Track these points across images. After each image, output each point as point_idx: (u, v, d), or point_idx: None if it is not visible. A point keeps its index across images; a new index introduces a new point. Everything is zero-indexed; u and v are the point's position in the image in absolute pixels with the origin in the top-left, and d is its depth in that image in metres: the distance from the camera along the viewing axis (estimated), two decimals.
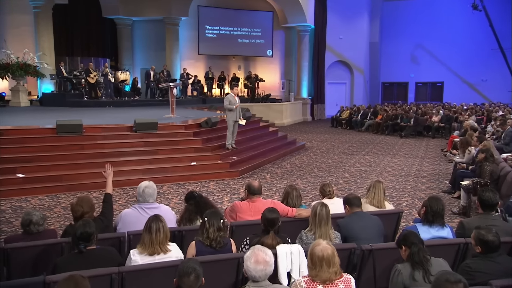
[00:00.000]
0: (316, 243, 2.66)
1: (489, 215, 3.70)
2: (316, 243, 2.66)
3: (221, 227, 3.30)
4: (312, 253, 2.62)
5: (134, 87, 18.54)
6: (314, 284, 2.59)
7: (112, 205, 4.12)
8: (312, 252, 2.62)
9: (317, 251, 2.61)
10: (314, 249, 2.63)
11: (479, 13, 21.19)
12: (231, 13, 20.66)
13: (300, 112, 21.57)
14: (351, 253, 3.49)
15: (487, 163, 6.40)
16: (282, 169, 10.18)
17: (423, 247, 2.88)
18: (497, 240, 2.91)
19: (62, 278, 2.28)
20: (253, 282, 2.50)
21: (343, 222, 3.82)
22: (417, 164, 10.74)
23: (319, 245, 2.66)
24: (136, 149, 9.02)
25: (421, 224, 3.65)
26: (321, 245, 2.66)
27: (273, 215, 3.39)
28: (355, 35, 22.81)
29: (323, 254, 2.62)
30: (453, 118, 15.50)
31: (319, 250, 2.62)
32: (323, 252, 2.62)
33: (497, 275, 2.85)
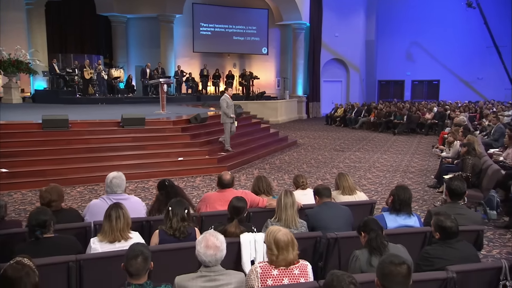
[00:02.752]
0: (276, 229, 2.64)
1: (456, 204, 3.69)
2: (275, 230, 2.64)
3: (185, 217, 3.29)
4: (276, 239, 2.60)
5: (128, 85, 18.54)
6: (269, 269, 2.58)
7: None
8: (276, 238, 2.60)
9: (280, 236, 2.60)
10: (277, 235, 2.61)
11: (474, 11, 21.13)
12: (226, 10, 20.64)
13: (295, 110, 21.55)
14: (317, 241, 3.48)
15: (469, 156, 6.38)
16: (271, 164, 10.16)
17: (382, 233, 2.86)
18: (454, 226, 2.90)
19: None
20: (205, 268, 2.49)
21: (311, 212, 3.80)
22: (406, 160, 10.72)
23: (280, 230, 2.65)
24: (123, 144, 9.02)
25: (388, 213, 3.63)
26: (282, 230, 2.65)
27: (240, 204, 3.38)
28: (351, 32, 22.74)
29: (287, 238, 2.62)
30: (446, 115, 15.47)
31: (282, 235, 2.62)
32: (287, 236, 2.63)
33: (455, 260, 2.84)
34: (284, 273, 2.57)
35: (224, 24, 20.91)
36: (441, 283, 2.74)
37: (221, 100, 9.92)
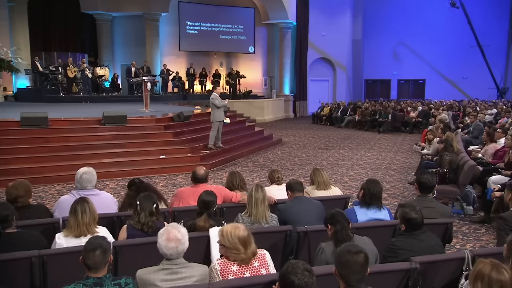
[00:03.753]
0: (232, 228, 2.60)
1: (426, 197, 3.72)
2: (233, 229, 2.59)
3: (154, 211, 3.25)
4: (241, 237, 2.56)
5: (113, 83, 18.39)
6: (229, 265, 2.56)
7: None
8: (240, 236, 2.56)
9: (242, 232, 2.57)
10: (239, 234, 2.57)
11: (458, 11, 21.41)
12: (212, 9, 20.58)
13: (282, 109, 21.57)
14: (287, 235, 3.48)
15: (447, 153, 6.45)
16: (254, 162, 10.16)
17: (347, 226, 2.87)
18: (419, 218, 2.92)
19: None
20: (167, 261, 2.47)
21: (283, 207, 3.80)
22: (389, 157, 10.80)
23: (238, 227, 2.62)
24: (103, 142, 8.92)
25: (359, 206, 3.65)
26: (240, 227, 2.62)
27: (209, 198, 3.36)
28: (338, 32, 22.83)
29: (247, 231, 2.60)
30: (430, 114, 15.62)
31: (243, 230, 2.59)
32: (246, 230, 2.61)
33: (419, 252, 2.87)
34: (245, 268, 2.55)
35: (210, 22, 20.84)
36: (405, 274, 2.76)
37: (211, 99, 9.90)
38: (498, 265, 2.03)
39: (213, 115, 9.89)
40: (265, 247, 3.47)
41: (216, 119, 9.87)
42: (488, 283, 1.99)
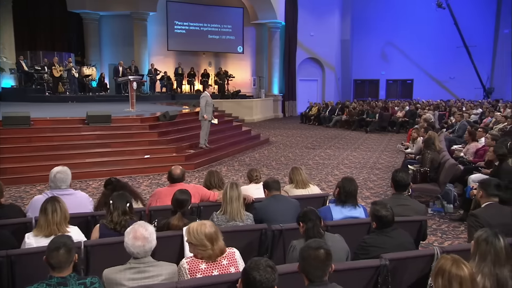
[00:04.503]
0: (199, 225, 2.59)
1: (401, 195, 3.74)
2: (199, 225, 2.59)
3: (127, 210, 3.23)
4: (207, 233, 2.56)
5: (101, 83, 18.24)
6: (197, 264, 2.55)
7: None
8: (206, 233, 2.56)
9: (208, 229, 2.57)
10: (205, 230, 2.56)
11: (445, 11, 21.62)
12: (201, 8, 20.52)
13: (271, 108, 21.59)
14: (262, 233, 3.47)
15: (428, 151, 6.50)
16: (240, 162, 10.15)
17: (319, 223, 2.88)
18: (390, 215, 2.94)
19: None
20: (134, 259, 2.45)
21: (259, 205, 3.80)
22: (375, 157, 10.87)
23: (205, 224, 2.61)
24: (87, 142, 8.85)
25: (334, 204, 3.66)
26: (207, 224, 2.61)
27: (183, 197, 3.35)
28: (326, 32, 22.90)
29: (215, 228, 2.60)
30: (416, 114, 15.75)
31: (209, 227, 2.58)
32: (213, 226, 2.61)
33: (390, 249, 2.88)
34: (213, 266, 2.54)
35: (198, 22, 20.78)
36: (375, 271, 2.77)
37: (201, 98, 9.98)
38: (458, 261, 2.04)
39: (200, 114, 9.91)
40: (240, 245, 3.47)
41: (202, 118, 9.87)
42: (448, 278, 2.00)
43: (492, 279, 2.27)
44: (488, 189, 3.45)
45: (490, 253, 2.30)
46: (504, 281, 2.27)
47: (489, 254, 2.30)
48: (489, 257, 2.30)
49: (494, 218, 3.32)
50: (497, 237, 2.33)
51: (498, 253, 2.29)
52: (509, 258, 2.31)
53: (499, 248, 2.30)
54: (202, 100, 9.87)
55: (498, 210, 3.42)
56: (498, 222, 3.29)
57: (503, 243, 2.32)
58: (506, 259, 2.30)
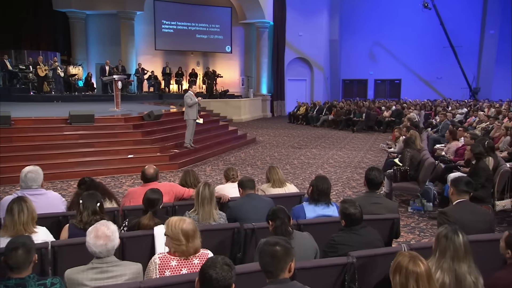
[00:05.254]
0: (178, 219, 2.60)
1: (374, 193, 3.77)
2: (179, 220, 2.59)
3: (97, 210, 3.20)
4: (184, 229, 2.56)
5: (87, 82, 18.08)
6: (168, 260, 2.54)
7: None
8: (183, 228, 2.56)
9: (187, 225, 2.57)
10: (183, 226, 2.57)
11: (432, 12, 21.81)
12: (189, 8, 20.44)
13: (260, 108, 21.60)
14: (235, 232, 3.47)
15: (408, 150, 6.56)
16: (225, 162, 10.13)
17: (288, 222, 2.88)
18: (358, 213, 2.95)
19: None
20: (97, 259, 2.42)
21: (233, 204, 3.80)
22: (360, 156, 10.93)
23: (185, 220, 2.62)
24: (70, 141, 8.78)
25: (307, 203, 3.67)
26: (186, 220, 2.62)
27: (154, 196, 3.33)
28: (315, 32, 22.96)
29: (193, 226, 2.60)
30: (403, 113, 15.87)
31: (188, 223, 2.59)
32: (192, 224, 2.61)
33: (358, 246, 2.89)
34: (183, 264, 2.54)
35: (186, 22, 20.69)
36: (342, 268, 2.78)
37: (185, 97, 9.94)
38: (415, 258, 2.06)
39: (187, 114, 9.88)
40: (212, 244, 3.47)
41: (190, 117, 9.84)
42: (405, 275, 2.02)
43: (451, 274, 2.30)
44: (459, 186, 3.48)
45: (449, 249, 2.33)
46: (462, 276, 2.30)
47: (448, 250, 2.34)
48: (448, 252, 2.34)
49: (464, 216, 3.35)
50: (457, 233, 2.37)
51: (457, 249, 2.33)
52: (467, 254, 2.35)
53: (458, 244, 2.33)
54: (187, 99, 9.84)
55: (469, 208, 3.45)
56: (468, 220, 3.32)
57: (462, 240, 2.35)
58: (464, 255, 2.33)
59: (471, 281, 2.30)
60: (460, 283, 2.29)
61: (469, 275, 2.31)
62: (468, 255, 2.34)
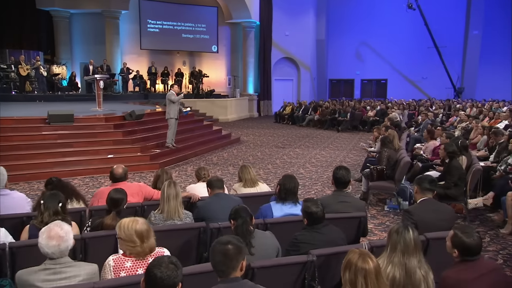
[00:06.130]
0: (130, 221, 2.57)
1: (341, 192, 3.78)
2: (131, 221, 2.56)
3: (59, 210, 3.16)
4: (138, 230, 2.53)
5: (71, 82, 17.89)
6: (123, 261, 2.52)
7: None
8: (137, 229, 2.53)
9: (140, 226, 2.54)
10: (137, 227, 2.54)
11: (417, 12, 22.00)
12: (174, 7, 20.34)
13: (246, 108, 21.58)
14: (201, 232, 3.46)
15: (385, 149, 6.60)
16: (207, 161, 10.10)
17: (249, 221, 2.87)
18: (320, 211, 2.96)
19: None
20: (50, 260, 2.39)
21: (201, 204, 3.79)
22: (342, 155, 10.98)
23: (137, 221, 2.59)
24: (48, 141, 8.69)
25: (275, 202, 3.67)
26: (139, 221, 2.59)
27: (118, 196, 3.30)
28: (301, 32, 23.02)
29: (147, 225, 2.58)
30: (387, 113, 15.98)
31: (141, 224, 2.56)
32: (145, 224, 2.59)
33: (320, 245, 2.90)
34: (139, 264, 2.52)
35: (172, 21, 20.59)
36: (302, 267, 2.79)
37: (168, 95, 9.93)
38: (365, 255, 2.08)
39: (168, 113, 9.84)
40: (178, 244, 3.47)
41: (171, 116, 9.80)
42: (355, 271, 2.04)
43: (401, 268, 2.34)
44: (423, 184, 3.51)
45: (400, 244, 2.38)
46: (412, 270, 2.34)
47: (399, 245, 2.38)
48: (399, 247, 2.38)
49: (427, 214, 3.38)
50: (407, 229, 2.41)
51: (407, 243, 2.37)
52: (417, 249, 2.40)
53: (408, 239, 2.38)
54: (170, 97, 9.82)
55: (432, 206, 3.48)
56: (430, 218, 3.35)
57: (412, 235, 2.40)
58: (414, 249, 2.38)
59: (421, 275, 2.34)
60: (410, 276, 2.33)
61: (419, 269, 2.35)
62: (418, 250, 2.39)
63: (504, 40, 23.16)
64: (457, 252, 2.38)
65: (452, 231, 2.44)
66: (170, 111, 9.82)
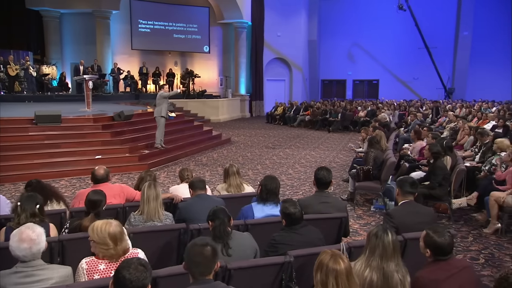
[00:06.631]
0: (103, 223, 2.55)
1: (323, 193, 3.78)
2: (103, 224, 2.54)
3: (36, 212, 3.13)
4: (111, 232, 2.51)
5: (61, 82, 17.76)
6: (96, 264, 2.50)
7: None
8: (110, 232, 2.51)
9: (113, 228, 2.52)
10: (110, 229, 2.52)
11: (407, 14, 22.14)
12: (165, 7, 20.27)
13: (238, 108, 21.57)
14: (181, 233, 3.45)
15: (372, 149, 6.62)
16: (196, 162, 10.08)
17: (227, 222, 2.87)
18: (298, 212, 2.96)
19: None
20: (22, 263, 2.36)
21: (182, 205, 3.78)
22: (332, 156, 11.00)
23: (110, 223, 2.56)
24: (36, 142, 8.61)
25: (256, 203, 3.67)
26: (112, 223, 2.57)
27: (96, 197, 3.27)
28: (293, 32, 23.05)
29: (120, 228, 2.55)
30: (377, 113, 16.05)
31: (115, 226, 2.54)
32: (119, 226, 2.56)
33: (298, 245, 2.90)
34: (113, 266, 2.50)
35: (163, 21, 20.52)
36: (280, 268, 2.78)
37: (160, 94, 10.00)
38: (336, 255, 2.08)
39: (159, 111, 9.79)
40: (158, 245, 3.45)
41: (161, 114, 9.77)
42: (326, 272, 2.04)
43: (379, 272, 2.33)
44: (404, 187, 3.51)
45: (378, 247, 2.37)
46: (390, 274, 2.33)
47: (377, 248, 2.37)
48: (377, 251, 2.37)
49: (407, 217, 3.38)
50: (386, 232, 2.40)
51: (385, 247, 2.36)
52: (396, 253, 2.38)
53: (386, 243, 2.36)
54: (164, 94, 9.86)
55: (412, 209, 3.48)
56: (410, 220, 3.35)
57: (391, 238, 2.38)
58: (393, 253, 2.37)
59: (398, 279, 2.34)
60: (387, 280, 2.33)
61: (396, 273, 2.34)
62: (396, 254, 2.38)
63: (494, 41, 23.40)
64: (429, 251, 2.39)
65: (425, 231, 2.45)
66: (161, 110, 9.77)
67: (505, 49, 23.20)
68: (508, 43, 23.01)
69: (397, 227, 3.32)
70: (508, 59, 23.12)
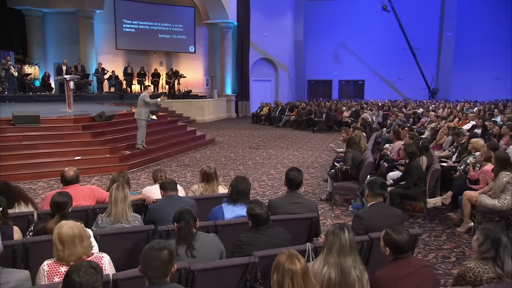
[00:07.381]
0: (59, 225, 2.52)
1: (294, 193, 3.79)
2: (59, 226, 2.51)
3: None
4: (60, 234, 2.46)
5: (44, 82, 17.52)
6: (57, 266, 2.47)
7: None
8: (60, 233, 2.47)
9: (64, 230, 2.48)
10: (60, 230, 2.47)
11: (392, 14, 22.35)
12: (150, 7, 20.13)
13: (224, 109, 21.52)
14: (149, 235, 3.42)
15: (350, 150, 6.67)
16: (178, 163, 10.03)
17: (193, 223, 2.85)
18: (264, 213, 2.97)
19: None
20: None
21: (153, 206, 3.75)
22: (314, 156, 11.05)
23: (65, 225, 2.52)
24: (13, 143, 8.48)
25: (226, 203, 3.66)
26: (68, 224, 2.53)
27: (61, 199, 3.23)
28: (279, 33, 23.09)
29: (73, 231, 2.50)
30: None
31: (67, 228, 2.49)
32: (73, 229, 2.51)
33: (263, 246, 2.90)
34: None
35: (148, 21, 20.39)
36: (244, 268, 2.78)
37: (142, 96, 9.79)
38: (292, 256, 2.08)
39: (139, 113, 9.70)
40: (126, 247, 3.42)
41: (142, 117, 9.68)
42: (282, 273, 2.04)
43: (336, 268, 2.35)
44: (373, 189, 3.54)
45: (335, 244, 2.40)
46: (347, 270, 2.36)
47: (334, 245, 2.40)
48: (334, 248, 2.40)
49: (375, 219, 3.39)
50: (343, 230, 2.43)
51: (342, 244, 2.39)
52: (353, 250, 2.41)
53: (344, 240, 2.39)
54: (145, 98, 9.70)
55: (381, 210, 3.50)
56: (377, 222, 3.36)
57: (347, 236, 2.41)
58: (350, 250, 2.40)
59: (356, 275, 2.36)
60: (345, 276, 2.35)
61: (354, 269, 2.37)
62: (353, 251, 2.41)
63: (477, 42, 23.75)
64: (388, 250, 2.41)
65: (384, 230, 2.47)
66: (141, 112, 9.70)
67: (488, 49, 23.59)
68: (491, 44, 23.41)
69: (366, 229, 3.34)
70: (491, 59, 23.51)
